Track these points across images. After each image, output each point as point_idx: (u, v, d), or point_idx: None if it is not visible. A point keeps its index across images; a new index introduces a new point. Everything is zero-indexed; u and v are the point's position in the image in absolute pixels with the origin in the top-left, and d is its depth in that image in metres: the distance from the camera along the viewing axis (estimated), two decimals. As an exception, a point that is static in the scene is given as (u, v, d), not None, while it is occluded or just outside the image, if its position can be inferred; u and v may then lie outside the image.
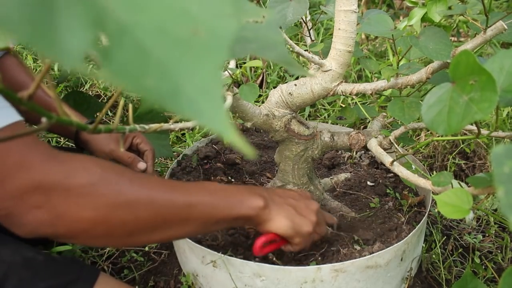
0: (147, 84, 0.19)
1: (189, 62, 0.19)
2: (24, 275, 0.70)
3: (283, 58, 0.30)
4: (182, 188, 0.62)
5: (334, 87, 0.76)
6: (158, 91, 0.19)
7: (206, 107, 0.19)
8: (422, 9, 1.02)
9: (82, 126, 0.34)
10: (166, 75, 0.19)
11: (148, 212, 0.56)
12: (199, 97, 0.19)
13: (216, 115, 0.19)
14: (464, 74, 0.44)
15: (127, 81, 0.19)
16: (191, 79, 0.19)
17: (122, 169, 0.58)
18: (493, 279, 0.95)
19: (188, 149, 1.16)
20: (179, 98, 0.19)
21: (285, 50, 0.30)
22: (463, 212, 0.51)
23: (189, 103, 0.19)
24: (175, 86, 0.19)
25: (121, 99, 1.38)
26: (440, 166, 1.30)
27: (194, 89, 0.19)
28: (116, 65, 0.19)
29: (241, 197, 0.67)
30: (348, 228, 0.89)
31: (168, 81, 0.19)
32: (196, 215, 0.61)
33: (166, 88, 0.19)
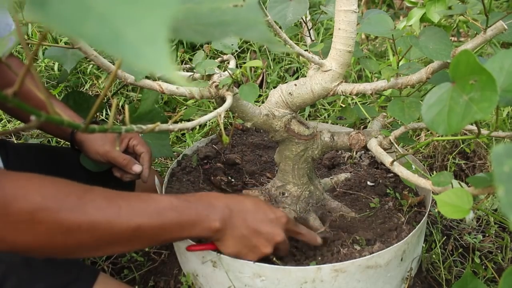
0: (86, 31, 0.19)
1: (133, 14, 0.19)
2: (23, 275, 0.71)
3: (263, 37, 0.30)
4: (130, 209, 0.60)
5: (334, 87, 0.76)
6: (97, 38, 0.19)
7: (148, 52, 0.19)
8: (421, 9, 1.02)
9: (74, 125, 0.34)
10: (106, 25, 0.19)
11: (90, 237, 0.57)
12: (140, 42, 0.19)
13: (157, 56, 0.19)
14: (464, 74, 0.44)
15: (63, 27, 0.19)
16: (133, 28, 0.19)
17: (66, 192, 0.57)
18: (493, 279, 0.95)
19: (188, 149, 1.16)
20: (119, 44, 0.19)
21: (265, 29, 0.30)
22: (463, 212, 0.51)
23: (130, 49, 0.19)
24: (115, 34, 0.19)
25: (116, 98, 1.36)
26: (440, 166, 1.30)
27: (135, 36, 0.19)
28: (52, 12, 0.19)
29: (196, 218, 0.65)
30: (348, 228, 0.89)
31: (108, 29, 0.19)
32: (144, 236, 0.61)
33: (105, 35, 0.19)
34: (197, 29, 0.28)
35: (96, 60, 0.67)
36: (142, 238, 0.61)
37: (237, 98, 0.75)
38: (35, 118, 0.31)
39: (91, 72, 1.71)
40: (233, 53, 0.96)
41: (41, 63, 1.73)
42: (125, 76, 0.72)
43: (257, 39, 0.30)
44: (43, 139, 1.47)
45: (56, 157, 1.02)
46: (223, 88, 0.72)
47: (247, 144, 1.21)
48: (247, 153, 1.17)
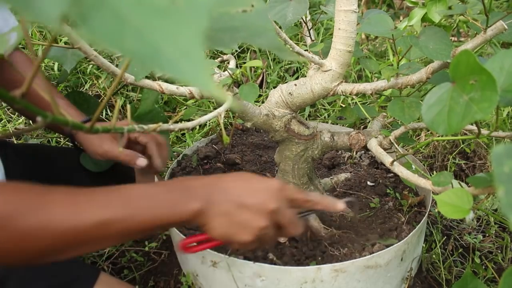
0: (126, 46, 0.19)
1: (167, 29, 0.20)
2: (24, 274, 0.71)
3: (273, 44, 0.30)
4: (94, 204, 0.56)
5: (334, 87, 0.76)
6: (137, 53, 0.19)
7: (187, 66, 0.19)
8: (422, 9, 1.02)
9: (78, 125, 0.34)
10: (144, 41, 0.19)
11: (52, 240, 0.53)
12: (179, 58, 0.19)
13: (197, 72, 0.19)
14: (464, 74, 0.44)
15: (105, 43, 0.19)
16: (170, 43, 0.19)
17: (24, 197, 0.55)
18: (493, 279, 0.95)
19: (188, 149, 1.16)
20: (159, 60, 0.19)
21: (275, 36, 0.30)
22: (463, 212, 0.51)
23: (169, 64, 0.19)
24: (154, 50, 0.19)
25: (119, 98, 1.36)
26: (440, 166, 1.30)
27: (174, 51, 0.19)
28: (93, 28, 0.19)
29: (170, 203, 0.59)
30: (348, 228, 0.89)
31: (146, 45, 0.19)
32: (114, 231, 0.56)
33: (144, 51, 0.19)
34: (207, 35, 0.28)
35: (96, 60, 0.67)
36: (112, 233, 0.56)
37: (237, 98, 0.75)
38: (41, 119, 0.31)
39: (91, 72, 1.71)
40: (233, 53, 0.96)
41: (41, 63, 1.73)
42: (125, 76, 0.72)
43: (266, 46, 0.30)
44: (43, 139, 1.47)
45: (56, 157, 1.02)
46: (223, 88, 0.72)
47: (247, 144, 1.21)
48: (247, 153, 1.17)
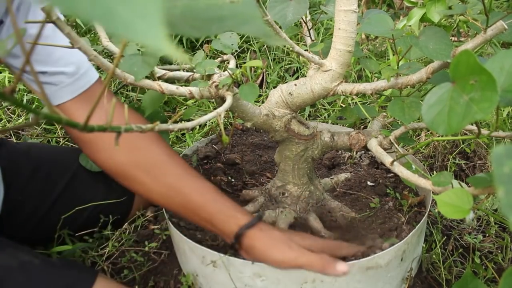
0: (80, 7, 0.20)
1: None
2: (20, 279, 0.70)
3: (260, 31, 0.30)
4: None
5: (334, 87, 0.75)
6: (91, 14, 0.20)
7: (141, 26, 0.20)
8: (421, 9, 1.02)
9: (72, 123, 0.34)
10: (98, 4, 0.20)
11: None
12: (134, 18, 0.20)
13: (151, 31, 0.20)
14: (464, 74, 0.44)
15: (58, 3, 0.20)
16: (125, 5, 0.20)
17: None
18: (494, 279, 0.95)
19: (188, 149, 1.16)
20: (113, 21, 0.20)
21: (262, 23, 0.31)
22: (463, 212, 0.51)
23: (122, 24, 0.20)
24: (109, 11, 0.20)
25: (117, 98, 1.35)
26: (440, 166, 1.30)
27: (129, 13, 0.20)
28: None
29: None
30: (348, 228, 0.89)
31: (101, 7, 0.20)
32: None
33: (99, 11, 0.20)
34: (193, 25, 0.28)
35: (96, 60, 0.67)
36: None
37: (237, 98, 0.75)
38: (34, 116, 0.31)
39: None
40: (233, 53, 0.96)
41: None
42: (125, 76, 0.72)
43: (253, 33, 0.30)
44: (43, 139, 1.47)
45: (57, 157, 1.02)
46: (223, 88, 0.72)
47: (247, 144, 1.21)
48: (247, 153, 1.17)
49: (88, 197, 0.98)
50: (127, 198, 1.02)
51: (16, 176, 0.93)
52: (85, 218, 0.98)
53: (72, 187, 0.99)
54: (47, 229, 0.95)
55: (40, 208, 0.95)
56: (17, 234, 0.89)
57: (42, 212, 0.95)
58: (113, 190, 1.01)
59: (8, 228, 0.91)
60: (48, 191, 0.96)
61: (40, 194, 0.96)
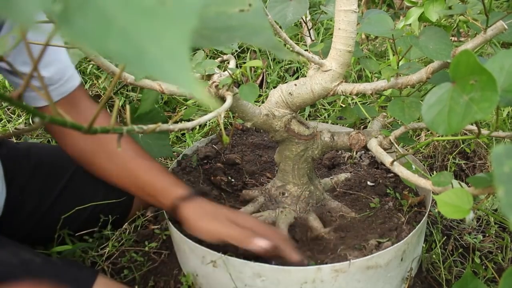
0: (110, 47, 0.19)
1: (154, 29, 0.20)
2: (21, 277, 0.70)
3: (270, 43, 0.30)
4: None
5: (334, 87, 0.76)
6: (121, 54, 0.19)
7: (170, 67, 0.19)
8: (419, 9, 1.02)
9: (76, 126, 0.34)
10: (129, 41, 0.19)
11: None
12: (164, 59, 0.19)
13: (182, 74, 0.19)
14: (464, 74, 0.44)
15: (87, 43, 0.19)
16: (155, 44, 0.19)
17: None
18: (494, 279, 0.95)
19: (188, 149, 1.16)
20: (143, 61, 0.19)
21: (271, 35, 0.31)
22: (463, 212, 0.51)
23: (153, 65, 0.19)
24: (139, 50, 0.19)
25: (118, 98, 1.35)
26: (440, 166, 1.30)
27: (159, 52, 0.19)
28: (76, 29, 0.19)
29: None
30: (348, 228, 0.89)
31: (131, 45, 0.19)
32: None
33: (129, 52, 0.19)
34: (203, 34, 0.28)
35: (96, 60, 0.67)
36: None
37: (237, 98, 0.75)
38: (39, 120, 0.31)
39: (91, 72, 1.71)
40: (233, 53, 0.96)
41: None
42: (125, 76, 0.72)
43: (263, 45, 0.30)
44: (43, 139, 1.47)
45: (57, 156, 1.02)
46: (223, 88, 0.72)
47: (247, 144, 1.21)
48: (247, 153, 1.17)
49: (88, 197, 0.98)
50: (127, 198, 1.02)
51: (16, 175, 0.93)
52: (85, 218, 0.98)
53: (72, 187, 0.99)
54: (47, 229, 0.95)
55: (40, 208, 0.95)
56: (17, 234, 0.89)
57: (42, 211, 0.95)
58: (113, 190, 1.01)
59: (8, 228, 0.91)
60: (48, 191, 0.97)
61: (40, 194, 0.96)
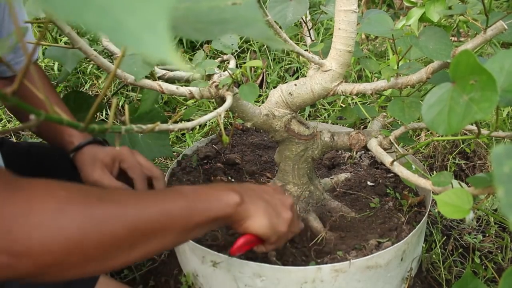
0: (87, 19, 0.19)
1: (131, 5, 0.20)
2: None
3: (262, 34, 0.30)
4: (154, 197, 0.58)
5: (334, 87, 0.76)
6: (99, 26, 0.19)
7: (149, 38, 0.19)
8: (420, 9, 1.02)
9: (73, 124, 0.34)
10: (107, 13, 0.20)
11: (123, 227, 0.52)
12: (142, 30, 0.20)
13: (160, 44, 0.19)
14: (464, 74, 0.44)
15: (64, 15, 0.19)
16: (133, 16, 0.20)
17: (87, 187, 0.54)
18: (493, 279, 0.95)
19: (188, 149, 1.16)
20: (120, 32, 0.19)
21: (264, 26, 0.31)
22: (463, 212, 0.51)
23: (132, 36, 0.19)
24: (116, 22, 0.20)
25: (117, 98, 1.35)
26: (440, 166, 1.30)
27: (138, 24, 0.20)
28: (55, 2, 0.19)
29: (217, 195, 0.63)
30: (348, 228, 0.89)
31: (109, 17, 0.20)
32: (174, 222, 0.57)
33: (106, 23, 0.19)
34: (196, 27, 0.28)
35: (96, 60, 0.67)
36: (174, 227, 0.57)
37: (237, 98, 0.75)
38: (35, 117, 0.31)
39: (91, 72, 1.71)
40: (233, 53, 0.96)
41: (41, 63, 1.73)
42: (125, 76, 0.72)
43: (256, 36, 0.30)
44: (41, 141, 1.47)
45: (57, 156, 1.02)
46: (223, 88, 0.72)
47: (247, 144, 1.21)
48: (247, 153, 1.17)
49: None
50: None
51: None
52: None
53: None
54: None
55: (40, 208, 0.95)
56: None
57: (42, 212, 0.95)
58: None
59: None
60: None
61: (40, 194, 0.96)
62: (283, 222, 0.69)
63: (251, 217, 0.65)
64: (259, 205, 0.67)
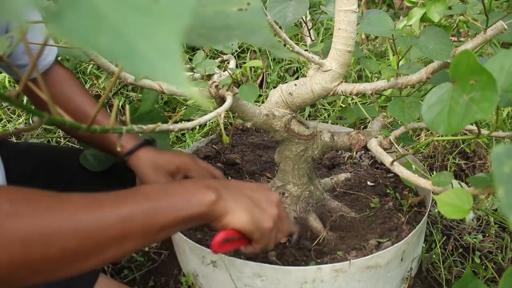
0: (100, 43, 0.19)
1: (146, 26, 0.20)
2: None
3: (267, 42, 0.30)
4: (113, 201, 0.54)
5: (334, 87, 0.76)
6: (112, 51, 0.19)
7: (161, 64, 0.19)
8: (421, 9, 1.02)
9: (76, 125, 0.34)
10: (120, 37, 0.19)
11: (74, 238, 0.48)
12: (155, 56, 0.19)
13: (172, 71, 0.19)
14: (464, 74, 0.44)
15: (78, 40, 0.19)
16: (147, 41, 0.19)
17: (39, 195, 0.50)
18: (493, 279, 0.95)
19: (188, 149, 1.16)
20: (133, 57, 0.19)
21: (269, 34, 0.31)
22: (463, 212, 0.51)
23: (144, 62, 0.19)
24: (129, 47, 0.19)
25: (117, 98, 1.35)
26: (440, 166, 1.30)
27: (150, 49, 0.19)
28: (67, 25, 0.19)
29: (187, 194, 0.59)
30: (348, 228, 0.89)
31: (122, 42, 0.19)
32: (135, 227, 0.53)
33: (120, 48, 0.19)
34: (201, 33, 0.28)
35: (96, 60, 0.67)
36: (136, 232, 0.53)
37: (237, 98, 0.75)
38: (38, 119, 0.31)
39: (91, 72, 1.71)
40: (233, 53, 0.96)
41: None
42: (125, 76, 0.72)
43: (261, 44, 0.30)
44: (43, 139, 1.47)
45: (57, 156, 1.02)
46: (223, 88, 0.72)
47: (247, 144, 1.21)
48: (247, 153, 1.17)
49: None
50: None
51: (16, 176, 0.93)
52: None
53: (72, 187, 0.99)
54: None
55: (40, 208, 0.95)
56: None
57: (42, 212, 0.95)
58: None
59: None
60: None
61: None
62: (267, 217, 0.65)
63: (230, 212, 0.62)
64: (240, 200, 0.63)
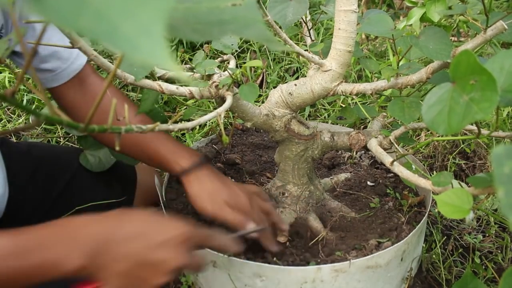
0: (82, 24, 0.19)
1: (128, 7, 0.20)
2: None
3: (261, 35, 0.30)
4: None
5: (334, 87, 0.75)
6: (93, 31, 0.19)
7: (144, 43, 0.19)
8: (421, 9, 1.02)
9: (73, 125, 0.34)
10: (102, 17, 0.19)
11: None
12: (137, 35, 0.19)
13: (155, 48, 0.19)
14: (464, 74, 0.44)
15: (59, 20, 0.19)
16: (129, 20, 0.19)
17: None
18: (493, 279, 0.95)
19: (188, 149, 1.15)
20: (115, 37, 0.19)
21: (264, 28, 0.31)
22: (463, 212, 0.51)
23: (126, 41, 0.19)
24: (112, 27, 0.19)
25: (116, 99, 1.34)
26: (440, 166, 1.30)
27: (133, 28, 0.19)
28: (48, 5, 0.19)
29: (51, 259, 0.54)
30: (348, 228, 0.89)
31: (104, 22, 0.19)
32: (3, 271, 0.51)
33: (101, 28, 0.19)
34: (196, 28, 0.28)
35: (96, 60, 0.67)
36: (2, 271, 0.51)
37: (237, 98, 0.75)
38: (34, 118, 0.31)
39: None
40: (233, 53, 0.96)
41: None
42: (125, 76, 0.72)
43: (255, 38, 0.30)
44: (43, 139, 1.47)
45: (57, 156, 1.02)
46: (223, 88, 0.72)
47: (247, 144, 1.21)
48: (247, 153, 1.17)
49: (88, 197, 0.98)
50: (127, 198, 1.02)
51: (16, 176, 0.93)
52: (85, 218, 0.98)
53: (72, 187, 0.99)
54: (47, 229, 0.95)
55: (40, 208, 0.95)
56: None
57: (42, 211, 0.95)
58: (113, 190, 1.01)
59: (8, 228, 0.91)
60: (48, 191, 0.96)
61: (40, 194, 0.96)
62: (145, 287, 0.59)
63: (104, 280, 0.57)
64: (117, 271, 0.57)
